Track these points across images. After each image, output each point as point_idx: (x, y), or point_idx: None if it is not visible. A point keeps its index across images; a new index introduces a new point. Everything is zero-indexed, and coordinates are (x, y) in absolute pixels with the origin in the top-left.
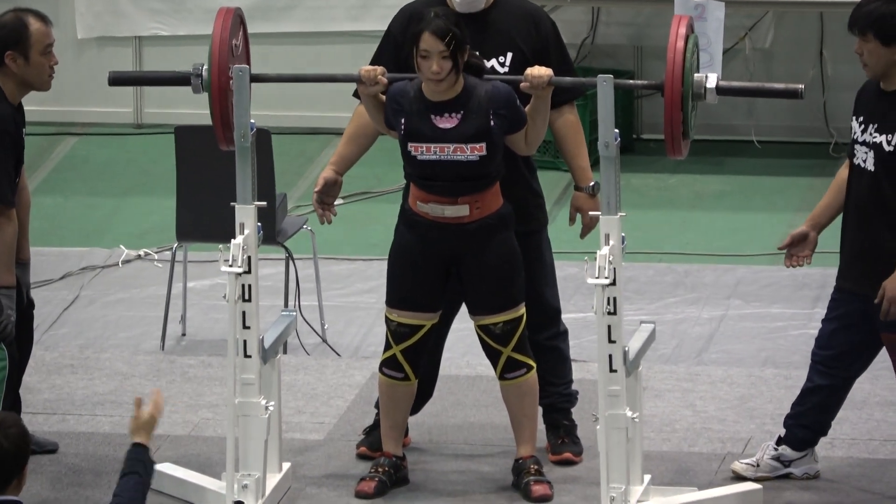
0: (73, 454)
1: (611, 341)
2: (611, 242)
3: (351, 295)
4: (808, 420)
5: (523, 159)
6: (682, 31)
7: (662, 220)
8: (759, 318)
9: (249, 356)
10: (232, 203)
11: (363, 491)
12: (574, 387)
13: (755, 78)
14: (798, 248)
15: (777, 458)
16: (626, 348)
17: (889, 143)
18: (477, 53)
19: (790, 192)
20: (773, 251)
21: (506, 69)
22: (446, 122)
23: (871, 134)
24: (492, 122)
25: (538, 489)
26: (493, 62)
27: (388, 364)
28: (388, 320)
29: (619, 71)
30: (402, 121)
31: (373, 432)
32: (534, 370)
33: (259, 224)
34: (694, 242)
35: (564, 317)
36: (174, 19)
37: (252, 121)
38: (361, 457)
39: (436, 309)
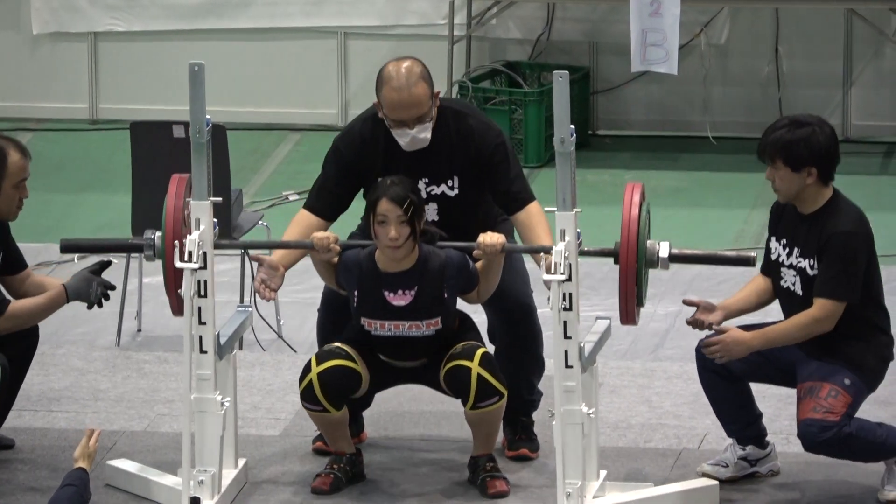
0: (28, 449)
1: (566, 337)
2: (566, 238)
3: (306, 291)
4: (743, 417)
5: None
6: (636, 199)
7: (618, 216)
8: None
9: (205, 352)
10: (187, 199)
11: (319, 487)
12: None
13: (711, 73)
14: (703, 314)
15: (745, 458)
16: (582, 344)
17: (812, 267)
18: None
19: (745, 187)
20: (729, 247)
21: (456, 191)
22: (400, 300)
23: (796, 258)
24: (445, 295)
25: (495, 484)
26: (442, 188)
27: (305, 397)
28: (322, 348)
29: (575, 67)
30: (356, 293)
31: None
32: (504, 398)
33: (215, 220)
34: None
35: None
36: (129, 15)
37: (207, 116)
38: (318, 451)
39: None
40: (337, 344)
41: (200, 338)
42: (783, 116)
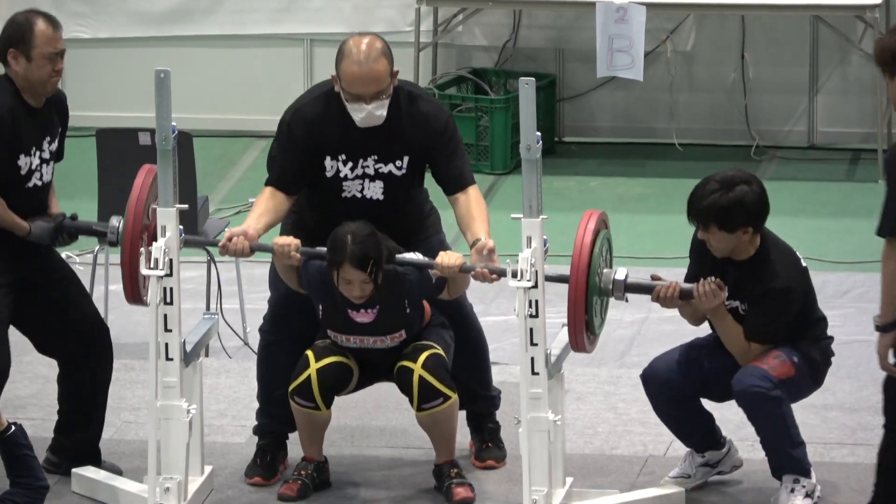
0: None
1: (533, 344)
2: (533, 245)
3: None
4: (699, 428)
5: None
6: (592, 226)
7: None
8: (680, 320)
9: (171, 359)
10: (153, 206)
11: (286, 493)
12: (495, 385)
13: (677, 81)
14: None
15: (706, 464)
16: (548, 351)
17: (743, 310)
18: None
19: None
20: None
21: (403, 171)
22: (363, 317)
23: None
24: (408, 310)
25: (460, 492)
26: (390, 167)
27: (300, 392)
28: (314, 344)
29: (541, 74)
30: (320, 307)
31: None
32: (452, 400)
33: (181, 227)
34: (616, 245)
35: (487, 320)
36: (96, 22)
37: (173, 123)
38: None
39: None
40: (330, 340)
41: (166, 345)
42: (708, 178)
